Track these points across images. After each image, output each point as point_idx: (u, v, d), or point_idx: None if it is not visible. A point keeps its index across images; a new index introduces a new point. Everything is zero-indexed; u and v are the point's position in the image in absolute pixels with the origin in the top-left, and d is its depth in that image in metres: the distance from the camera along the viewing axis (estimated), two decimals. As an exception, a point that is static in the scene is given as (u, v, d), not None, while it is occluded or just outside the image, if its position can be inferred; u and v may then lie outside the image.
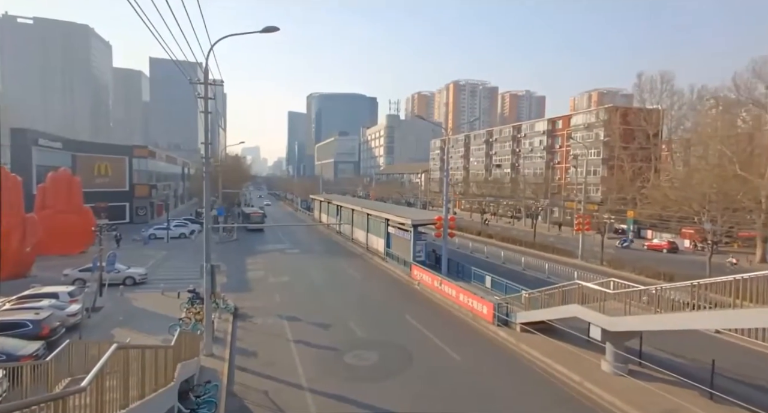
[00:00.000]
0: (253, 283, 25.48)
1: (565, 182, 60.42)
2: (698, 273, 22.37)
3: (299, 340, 16.11)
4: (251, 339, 16.30)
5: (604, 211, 43.35)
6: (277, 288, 24.03)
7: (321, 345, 15.63)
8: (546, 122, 69.22)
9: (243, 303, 20.56)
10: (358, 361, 14.31)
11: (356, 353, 14.91)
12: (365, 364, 14.10)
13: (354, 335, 16.88)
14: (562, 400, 11.93)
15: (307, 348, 15.37)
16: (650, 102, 56.35)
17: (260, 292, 23.31)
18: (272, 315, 19.08)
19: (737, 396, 11.04)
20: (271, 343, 15.87)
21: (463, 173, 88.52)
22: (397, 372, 13.48)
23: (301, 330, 17.23)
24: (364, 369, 13.71)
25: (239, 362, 14.14)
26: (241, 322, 18.18)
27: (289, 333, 16.91)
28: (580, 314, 14.07)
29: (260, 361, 14.23)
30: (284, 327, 17.60)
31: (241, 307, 19.90)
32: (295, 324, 18.06)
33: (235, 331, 17.01)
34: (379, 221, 33.98)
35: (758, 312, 9.24)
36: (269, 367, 13.73)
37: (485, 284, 23.42)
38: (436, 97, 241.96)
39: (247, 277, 27.06)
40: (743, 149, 37.64)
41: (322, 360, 14.39)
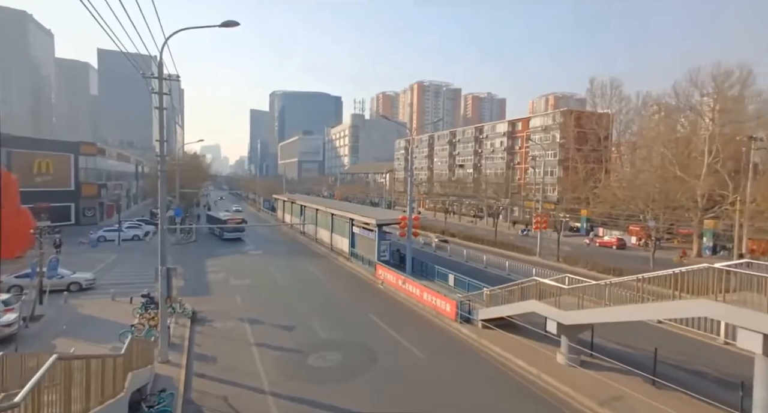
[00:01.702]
0: (214, 286, 24.60)
1: (525, 182, 62.76)
2: (644, 268, 23.95)
3: (261, 343, 15.72)
4: (210, 343, 15.73)
5: (560, 210, 45.47)
6: (238, 291, 23.33)
7: (284, 348, 15.33)
8: (506, 123, 71.57)
9: (202, 307, 19.80)
10: (321, 362, 14.16)
11: (320, 354, 14.75)
12: (329, 365, 13.98)
13: (318, 336, 16.70)
14: (520, 393, 12.37)
15: (270, 351, 15.03)
16: (601, 106, 59.73)
17: (221, 295, 22.54)
18: (233, 319, 18.49)
19: (676, 382, 11.92)
20: (232, 347, 15.38)
21: (428, 172, 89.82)
22: (361, 372, 13.46)
23: (263, 333, 16.82)
24: (328, 371, 13.59)
25: (197, 368, 13.60)
26: (199, 327, 17.50)
27: (250, 336, 16.46)
28: (537, 309, 14.65)
29: (220, 366, 13.76)
30: (246, 330, 17.11)
31: (200, 311, 19.15)
32: (257, 326, 17.61)
33: (193, 336, 16.34)
34: (344, 221, 33.81)
35: (694, 302, 10.00)
36: (229, 372, 13.30)
37: (448, 283, 23.87)
38: (401, 98, 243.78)
39: (206, 280, 26.08)
40: (682, 152, 40.70)
41: (285, 363, 14.12)
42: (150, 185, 62.60)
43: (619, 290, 12.51)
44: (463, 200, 66.71)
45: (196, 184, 65.85)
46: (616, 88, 58.30)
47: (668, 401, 11.11)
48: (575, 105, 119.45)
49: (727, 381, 12.25)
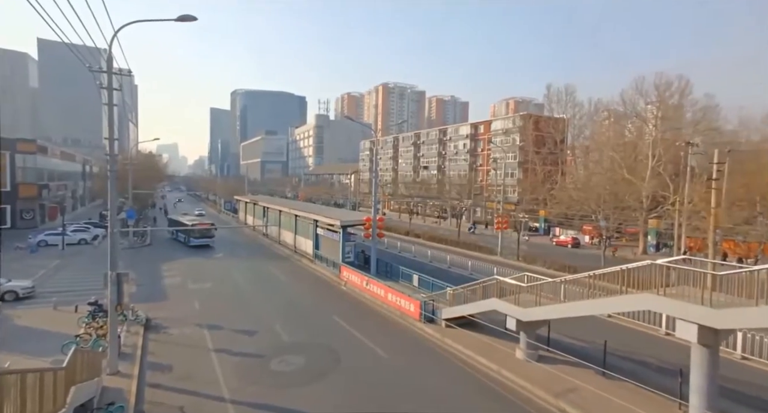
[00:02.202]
0: (170, 291, 23.48)
1: (487, 184, 64.55)
2: (596, 265, 25.27)
3: (221, 349, 15.18)
4: (166, 351, 14.99)
5: (520, 210, 47.12)
6: (197, 295, 22.40)
7: (245, 353, 14.88)
8: (469, 126, 73.38)
9: (157, 314, 18.85)
10: (284, 367, 13.87)
11: (283, 358, 14.45)
12: (291, 369, 13.71)
13: (280, 340, 16.35)
14: (481, 389, 12.69)
15: (230, 357, 14.55)
16: (557, 111, 62.55)
17: (177, 300, 21.55)
18: (191, 325, 17.73)
19: (624, 372, 12.65)
20: (189, 355, 14.74)
21: (393, 174, 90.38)
22: (324, 375, 13.31)
23: (223, 339, 16.25)
24: (291, 375, 13.33)
25: (151, 378, 12.92)
26: (153, 334, 16.64)
27: (209, 343, 15.85)
28: (498, 307, 15.09)
29: (176, 375, 13.14)
30: (204, 337, 16.46)
31: (154, 318, 18.22)
32: (217, 332, 16.99)
33: (146, 345, 15.51)
34: (308, 223, 33.35)
35: (639, 296, 10.66)
36: (186, 381, 12.74)
37: (413, 283, 24.10)
38: (366, 99, 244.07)
39: (162, 285, 24.86)
40: (629, 156, 43.36)
41: (246, 369, 13.71)
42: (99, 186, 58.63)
43: (573, 287, 13.14)
44: (427, 201, 67.66)
45: (152, 185, 62.63)
46: (571, 94, 61.30)
47: (616, 390, 11.76)
48: (534, 109, 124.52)
49: (668, 369, 13.12)
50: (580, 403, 11.45)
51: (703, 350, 9.75)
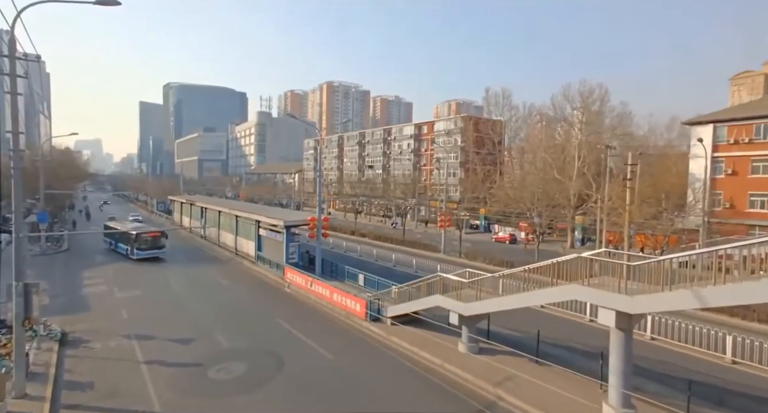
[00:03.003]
0: (92, 300, 21.38)
1: (430, 183, 66.23)
2: (531, 259, 26.91)
3: (153, 361, 14.09)
4: (86, 368, 13.61)
5: (461, 209, 48.93)
6: (124, 304, 20.62)
7: (180, 363, 13.95)
8: (413, 126, 74.80)
9: (76, 326, 17.09)
10: (224, 375, 13.20)
11: (222, 366, 13.75)
12: (232, 377, 13.09)
13: (220, 347, 15.55)
14: (425, 383, 12.98)
15: (163, 369, 13.55)
16: (495, 114, 65.82)
17: (101, 310, 19.68)
18: (117, 336, 16.28)
19: (554, 359, 13.58)
20: (115, 369, 13.51)
21: (337, 173, 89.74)
22: (267, 380, 12.85)
23: (155, 349, 15.10)
24: (231, 382, 12.71)
25: (67, 399, 11.65)
26: (71, 350, 15.03)
27: (139, 355, 14.65)
28: (442, 303, 15.52)
29: (98, 393, 11.98)
30: (133, 349, 15.18)
31: (72, 331, 16.50)
32: (148, 342, 15.75)
33: (61, 362, 13.97)
34: (250, 223, 32.06)
35: (567, 287, 11.49)
36: (110, 398, 11.66)
37: (358, 282, 24.05)
38: (310, 97, 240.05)
39: (82, 294, 22.58)
40: (559, 157, 46.74)
41: (182, 380, 12.85)
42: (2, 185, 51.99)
43: (511, 281, 13.86)
44: (372, 200, 68.00)
45: (70, 184, 56.71)
46: (507, 97, 64.84)
47: (547, 376, 12.59)
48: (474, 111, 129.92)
49: (591, 353, 14.30)
50: (516, 390, 12.12)
51: (620, 333, 10.73)
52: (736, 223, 30.91)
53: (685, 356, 15.04)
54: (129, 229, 33.34)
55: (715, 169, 33.08)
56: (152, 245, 31.77)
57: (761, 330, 17.25)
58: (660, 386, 12.46)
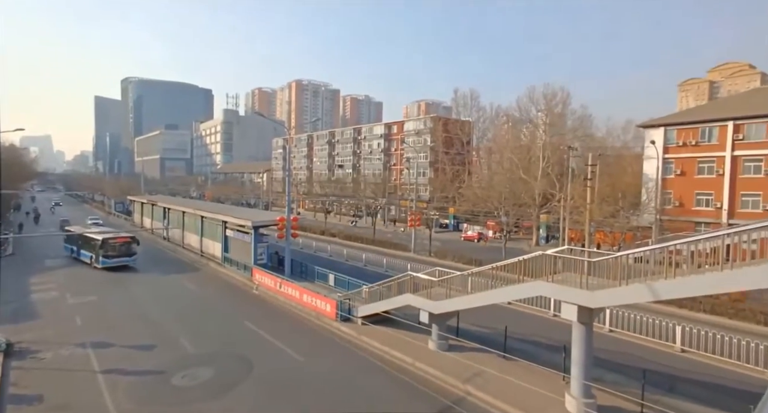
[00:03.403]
0: (42, 307, 20.09)
1: (400, 183, 66.67)
2: (498, 257, 27.62)
3: (111, 370, 13.42)
4: (34, 380, 12.78)
5: (431, 208, 49.56)
6: (78, 310, 19.50)
7: (141, 371, 13.36)
8: (383, 126, 75.00)
9: (23, 336, 16.02)
10: (189, 381, 12.76)
11: (187, 372, 13.28)
12: (198, 382, 12.67)
13: (185, 352, 15.01)
14: (396, 381, 13.07)
15: (122, 378, 12.93)
16: (464, 114, 67.10)
17: (52, 318, 18.54)
18: (70, 345, 15.38)
19: (520, 353, 14.05)
20: (67, 380, 12.77)
21: (307, 172, 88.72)
22: (235, 385, 12.54)
23: (113, 357, 14.38)
24: (197, 389, 12.31)
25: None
26: (17, 361, 14.06)
27: (95, 364, 13.91)
28: (412, 302, 15.67)
29: (47, 406, 11.28)
30: (88, 357, 14.39)
31: (19, 341, 15.45)
32: (105, 351, 14.98)
33: (6, 374, 13.07)
34: (216, 224, 31.12)
35: (533, 284, 11.89)
36: (61, 411, 11.02)
37: (329, 283, 23.89)
38: (278, 95, 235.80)
39: (30, 301, 21.16)
40: (525, 157, 48.22)
41: (143, 388, 12.32)
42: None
43: (479, 279, 14.18)
44: (342, 199, 67.70)
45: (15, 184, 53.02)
46: (475, 99, 66.32)
47: (514, 370, 13.00)
48: (443, 112, 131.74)
49: (555, 347, 14.85)
50: (484, 385, 12.43)
51: (581, 327, 11.22)
52: (684, 220, 32.99)
53: (640, 346, 15.92)
54: (94, 233, 29.98)
55: (666, 169, 35.19)
56: (121, 252, 28.47)
57: (707, 320, 18.51)
58: (618, 375, 13.12)
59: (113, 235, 29.76)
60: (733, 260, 8.71)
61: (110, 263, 27.97)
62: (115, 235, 29.78)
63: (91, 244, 29.10)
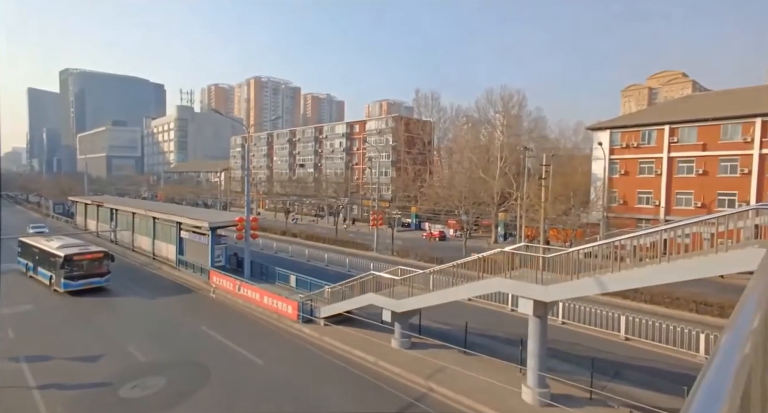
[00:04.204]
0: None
1: (363, 182, 66.62)
2: (459, 255, 28.30)
3: (48, 384, 12.41)
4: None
5: (393, 207, 49.93)
6: (10, 322, 17.88)
7: (85, 384, 12.47)
8: (345, 125, 74.58)
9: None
10: (138, 392, 12.06)
11: (137, 383, 12.55)
12: (148, 393, 12.01)
13: (135, 361, 14.19)
14: (359, 381, 13.05)
15: (62, 392, 12.01)
16: (425, 115, 68.09)
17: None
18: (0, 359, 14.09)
19: (480, 348, 14.46)
20: None
21: (267, 172, 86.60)
22: (190, 393, 12.01)
23: (52, 371, 13.32)
24: (147, 400, 11.67)
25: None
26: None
27: (30, 379, 12.81)
28: (375, 301, 15.71)
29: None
30: (22, 372, 13.23)
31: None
32: (42, 364, 13.84)
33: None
34: (169, 225, 29.66)
35: (492, 280, 12.28)
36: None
37: (290, 284, 23.46)
38: (236, 92, 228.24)
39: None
40: (484, 157, 49.75)
41: (85, 402, 11.53)
42: None
43: (441, 276, 14.45)
44: (304, 199, 66.71)
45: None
46: (436, 99, 67.49)
47: (474, 364, 13.37)
48: (405, 112, 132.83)
49: (512, 340, 15.43)
50: (445, 381, 12.69)
51: (537, 320, 11.73)
52: (628, 217, 35.34)
53: (590, 336, 16.88)
54: (54, 248, 23.51)
55: (612, 169, 37.52)
56: (90, 271, 22.78)
57: (647, 309, 19.93)
58: (569, 365, 13.83)
59: (79, 250, 23.35)
60: (669, 253, 9.43)
61: (75, 287, 22.18)
62: (82, 250, 23.44)
63: (51, 261, 23.16)
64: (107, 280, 23.38)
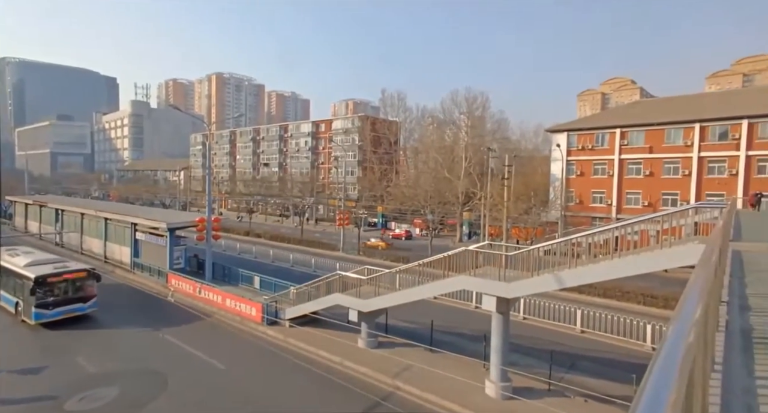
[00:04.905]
0: None
1: (329, 181, 66.02)
2: (425, 254, 28.65)
3: (-14, 401, 11.43)
4: None
5: (360, 207, 49.85)
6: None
7: (27, 399, 11.58)
8: (311, 124, 73.59)
9: None
10: (86, 404, 11.34)
11: (86, 394, 11.80)
12: (98, 405, 11.32)
13: (84, 372, 13.33)
14: (325, 382, 12.93)
15: (1, 409, 11.09)
16: (391, 115, 68.45)
17: None
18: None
19: (446, 345, 14.72)
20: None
21: (230, 171, 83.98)
22: (143, 404, 11.43)
23: (-11, 387, 12.27)
24: (97, 412, 10.99)
25: None
26: None
27: (-36, 396, 11.75)
28: (341, 301, 15.61)
29: None
30: (-44, 389, 12.11)
31: None
32: (-21, 379, 12.72)
33: None
34: (123, 227, 28.10)
35: (457, 278, 12.52)
36: None
37: (254, 286, 22.84)
38: (197, 88, 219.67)
39: None
40: (449, 158, 50.70)
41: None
42: None
43: (407, 276, 14.57)
44: (268, 199, 65.28)
45: None
46: (402, 100, 68.00)
47: (440, 362, 13.58)
48: (371, 111, 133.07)
49: (477, 337, 15.83)
50: (412, 379, 12.82)
51: (500, 317, 12.08)
52: (584, 216, 37.17)
53: (549, 330, 17.60)
54: (20, 266, 18.54)
55: (569, 170, 39.31)
56: (70, 295, 17.93)
57: (601, 303, 21.05)
58: (530, 359, 14.35)
59: (55, 269, 18.18)
60: (620, 250, 10.00)
61: (50, 317, 17.18)
62: (59, 269, 18.29)
63: (16, 284, 18.28)
64: (92, 306, 18.45)
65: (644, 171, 36.11)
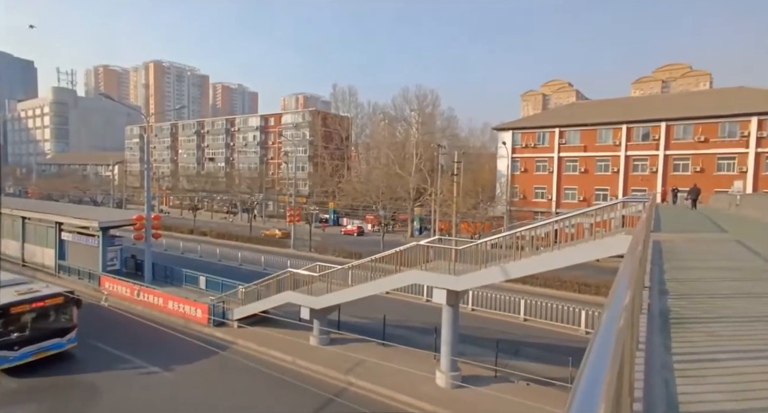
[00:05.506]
0: None
1: (278, 177, 64.27)
2: (377, 249, 28.83)
3: None
4: None
5: (311, 203, 49.08)
6: None
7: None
8: (259, 117, 71.08)
9: None
10: (8, 425, 10.25)
11: (7, 410, 10.64)
12: (22, 425, 10.27)
13: (5, 388, 11.97)
14: (277, 382, 12.61)
15: None
16: (342, 110, 67.87)
17: None
18: None
19: (398, 339, 14.95)
20: None
21: (171, 165, 79.08)
22: (78, 419, 10.53)
23: None
24: (21, 432, 9.97)
25: None
26: None
27: None
28: (292, 299, 15.30)
29: None
30: None
31: None
32: None
33: None
34: (46, 226, 25.54)
35: (408, 273, 12.73)
36: None
37: (199, 286, 21.75)
38: (132, 76, 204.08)
39: None
40: (400, 154, 51.31)
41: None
42: None
43: (360, 271, 14.57)
44: (214, 195, 62.36)
45: None
46: (353, 95, 67.61)
47: (393, 355, 13.78)
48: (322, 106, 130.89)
49: (428, 330, 16.24)
50: (364, 374, 12.90)
51: (449, 309, 12.47)
52: (527, 210, 39.28)
53: (495, 320, 18.46)
54: None
55: (514, 167, 41.33)
56: (42, 330, 13.70)
57: (542, 292, 22.42)
58: (478, 348, 14.97)
59: (20, 296, 13.87)
60: (559, 242, 10.69)
61: (17, 360, 12.90)
62: (26, 296, 14.01)
63: None
64: (71, 340, 14.29)
65: (580, 168, 38.80)
